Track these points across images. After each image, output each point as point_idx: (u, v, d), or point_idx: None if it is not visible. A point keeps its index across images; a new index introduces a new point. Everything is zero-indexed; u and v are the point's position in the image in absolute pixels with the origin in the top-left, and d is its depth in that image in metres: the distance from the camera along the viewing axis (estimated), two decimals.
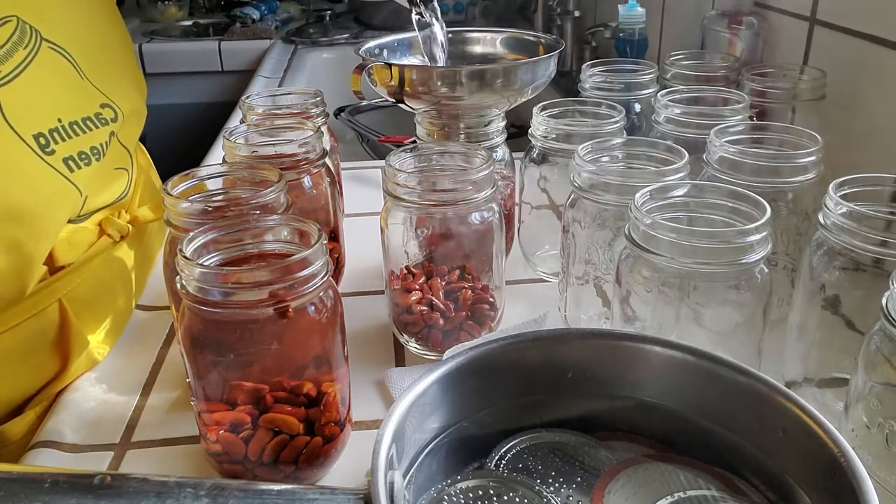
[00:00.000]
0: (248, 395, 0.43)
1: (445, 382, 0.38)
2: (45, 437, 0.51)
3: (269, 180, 0.51)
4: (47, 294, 0.54)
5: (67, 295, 0.56)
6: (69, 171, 0.53)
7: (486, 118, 0.65)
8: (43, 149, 0.52)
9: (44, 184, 0.52)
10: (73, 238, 0.56)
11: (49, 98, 0.54)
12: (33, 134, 0.51)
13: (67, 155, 0.54)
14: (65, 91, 0.56)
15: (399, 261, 0.57)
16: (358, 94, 0.73)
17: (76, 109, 0.56)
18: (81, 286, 0.57)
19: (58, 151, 0.53)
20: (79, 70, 0.58)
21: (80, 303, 0.57)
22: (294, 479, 0.45)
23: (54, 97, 0.55)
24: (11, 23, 0.52)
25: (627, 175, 0.53)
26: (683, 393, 0.39)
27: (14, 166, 0.50)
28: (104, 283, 0.60)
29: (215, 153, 1.06)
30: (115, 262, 0.62)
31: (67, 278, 0.56)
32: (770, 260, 0.46)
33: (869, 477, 0.30)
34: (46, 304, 0.54)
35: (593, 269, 0.56)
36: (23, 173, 0.50)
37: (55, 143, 0.53)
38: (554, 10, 1.42)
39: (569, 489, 0.38)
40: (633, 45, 1.03)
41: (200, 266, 0.40)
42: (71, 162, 0.54)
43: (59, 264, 0.55)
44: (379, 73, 0.68)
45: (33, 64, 0.53)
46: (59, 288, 0.55)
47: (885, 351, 0.38)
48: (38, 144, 0.51)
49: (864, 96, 0.66)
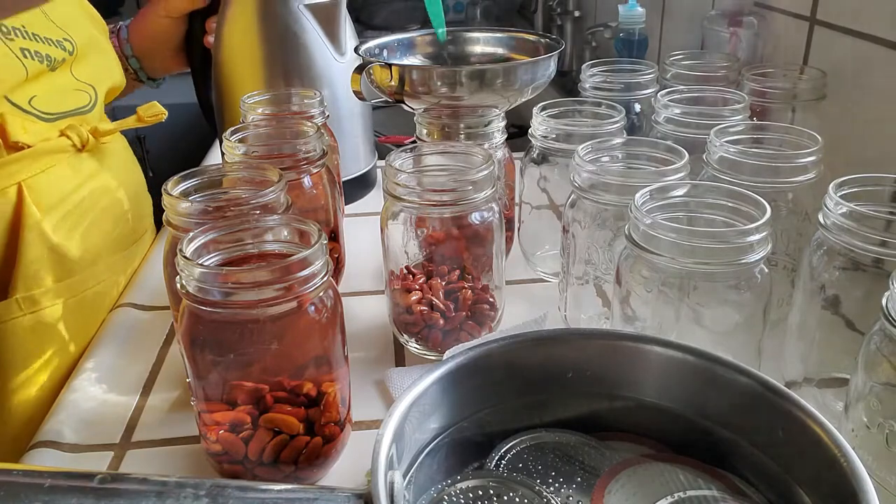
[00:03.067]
0: (248, 395, 0.43)
1: (445, 382, 0.38)
2: (45, 437, 0.51)
3: (269, 180, 0.51)
4: (6, 174, 0.61)
5: (27, 182, 0.62)
6: (22, 56, 0.63)
7: (486, 118, 0.65)
8: (4, 35, 0.63)
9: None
10: (27, 125, 0.63)
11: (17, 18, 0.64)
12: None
13: (24, 47, 0.64)
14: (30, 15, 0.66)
15: (399, 261, 0.57)
16: (358, 95, 0.73)
17: (39, 28, 0.67)
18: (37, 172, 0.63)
19: (16, 41, 0.64)
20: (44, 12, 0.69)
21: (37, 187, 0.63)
22: (294, 479, 0.45)
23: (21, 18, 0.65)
24: None
25: (627, 175, 0.53)
26: (683, 393, 0.39)
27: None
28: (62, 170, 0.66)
29: (215, 153, 1.06)
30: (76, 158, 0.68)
31: (25, 162, 0.62)
32: (770, 260, 0.46)
33: (869, 477, 0.30)
34: (6, 185, 0.61)
35: (593, 269, 0.56)
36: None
37: (17, 37, 0.64)
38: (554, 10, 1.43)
39: (569, 489, 0.38)
40: (633, 45, 1.03)
41: (200, 266, 0.40)
42: (25, 52, 0.64)
43: (13, 140, 0.61)
44: (379, 73, 0.68)
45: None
46: (17, 170, 0.62)
47: (885, 351, 0.38)
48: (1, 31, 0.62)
49: (864, 96, 0.66)
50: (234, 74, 0.81)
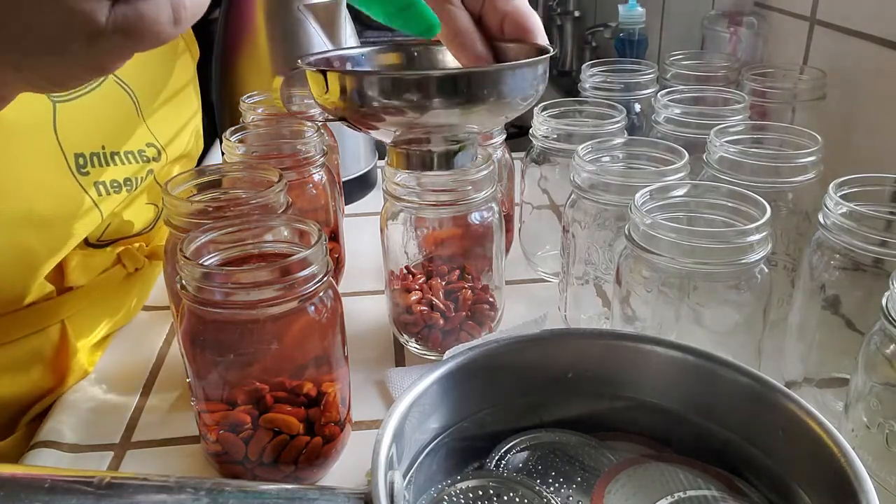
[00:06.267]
0: (248, 395, 0.43)
1: (445, 382, 0.38)
2: (45, 437, 0.51)
3: (269, 180, 0.51)
4: (51, 313, 0.55)
5: (70, 317, 0.56)
6: (97, 194, 0.55)
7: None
8: (79, 168, 0.53)
9: (69, 200, 0.53)
10: (88, 262, 0.57)
11: (100, 125, 0.56)
12: (75, 153, 0.53)
13: (100, 180, 0.55)
14: (117, 123, 0.58)
15: (399, 261, 0.57)
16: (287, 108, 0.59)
17: (122, 142, 0.58)
18: (84, 306, 0.58)
19: (91, 174, 0.54)
20: (138, 108, 0.60)
21: (79, 319, 0.58)
22: (294, 479, 0.45)
23: (105, 125, 0.56)
24: None
25: (627, 175, 0.53)
26: (683, 393, 0.39)
27: (46, 177, 0.51)
28: (107, 299, 0.61)
29: (215, 153, 1.06)
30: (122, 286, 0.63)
31: (73, 301, 0.56)
32: (770, 260, 0.46)
33: (869, 477, 0.30)
34: (48, 324, 0.55)
35: (593, 269, 0.56)
36: (52, 185, 0.52)
37: (92, 166, 0.54)
38: (554, 10, 1.43)
39: (569, 489, 0.38)
40: (633, 45, 1.03)
41: (200, 266, 0.40)
42: (101, 187, 0.55)
43: (69, 285, 0.56)
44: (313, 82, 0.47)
45: (96, 91, 0.55)
46: (63, 309, 0.55)
47: (885, 351, 0.38)
48: (76, 164, 0.53)
49: (864, 96, 0.66)
50: (235, 74, 0.81)
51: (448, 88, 0.44)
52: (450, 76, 0.45)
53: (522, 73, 0.46)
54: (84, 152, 0.54)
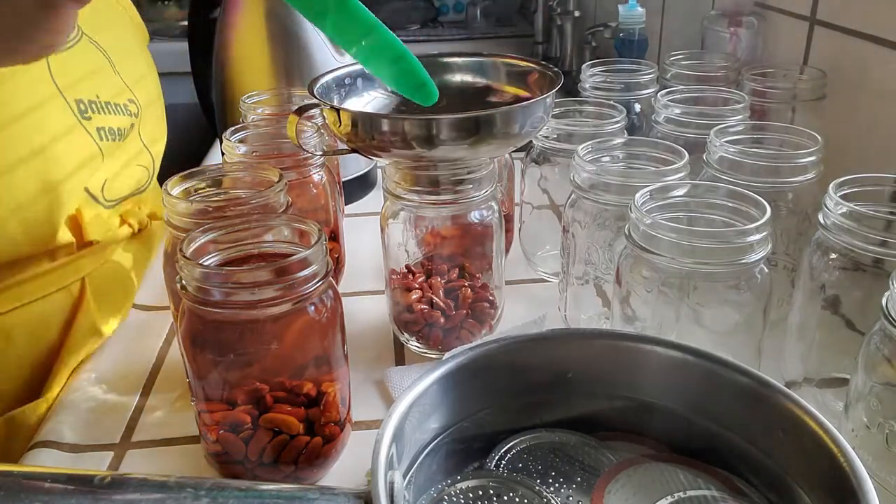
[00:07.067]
0: (248, 395, 0.43)
1: (445, 382, 0.38)
2: (45, 437, 0.51)
3: (269, 180, 0.51)
4: (73, 269, 0.58)
5: (90, 274, 0.60)
6: (100, 139, 0.59)
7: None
8: (82, 114, 0.58)
9: (79, 143, 0.57)
10: (99, 218, 0.61)
11: (89, 76, 0.60)
12: (76, 99, 0.57)
13: (100, 126, 0.59)
14: (101, 76, 0.62)
15: (399, 260, 0.57)
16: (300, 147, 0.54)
17: (110, 94, 0.63)
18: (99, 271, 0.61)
19: (93, 120, 0.59)
20: (112, 65, 0.65)
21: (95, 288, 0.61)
22: (294, 479, 0.45)
23: (93, 78, 0.61)
24: None
25: (627, 175, 0.53)
26: (683, 393, 0.39)
27: (56, 120, 0.55)
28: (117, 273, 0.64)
29: (215, 153, 1.06)
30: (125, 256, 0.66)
31: (92, 257, 0.60)
32: (770, 260, 0.46)
33: (869, 477, 0.30)
34: (71, 281, 0.58)
35: (593, 269, 0.56)
36: (62, 128, 0.56)
37: (92, 112, 0.59)
38: (554, 10, 1.43)
39: (569, 489, 0.38)
40: (633, 45, 1.03)
41: (200, 266, 0.40)
42: (102, 132, 0.59)
43: (88, 240, 0.59)
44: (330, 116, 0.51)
45: (76, 47, 0.59)
46: (84, 265, 0.59)
47: (885, 351, 0.38)
48: (78, 109, 0.57)
49: (864, 96, 0.66)
50: (235, 74, 0.81)
51: (458, 129, 0.47)
52: (460, 120, 0.47)
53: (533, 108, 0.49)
54: (83, 98, 0.58)
